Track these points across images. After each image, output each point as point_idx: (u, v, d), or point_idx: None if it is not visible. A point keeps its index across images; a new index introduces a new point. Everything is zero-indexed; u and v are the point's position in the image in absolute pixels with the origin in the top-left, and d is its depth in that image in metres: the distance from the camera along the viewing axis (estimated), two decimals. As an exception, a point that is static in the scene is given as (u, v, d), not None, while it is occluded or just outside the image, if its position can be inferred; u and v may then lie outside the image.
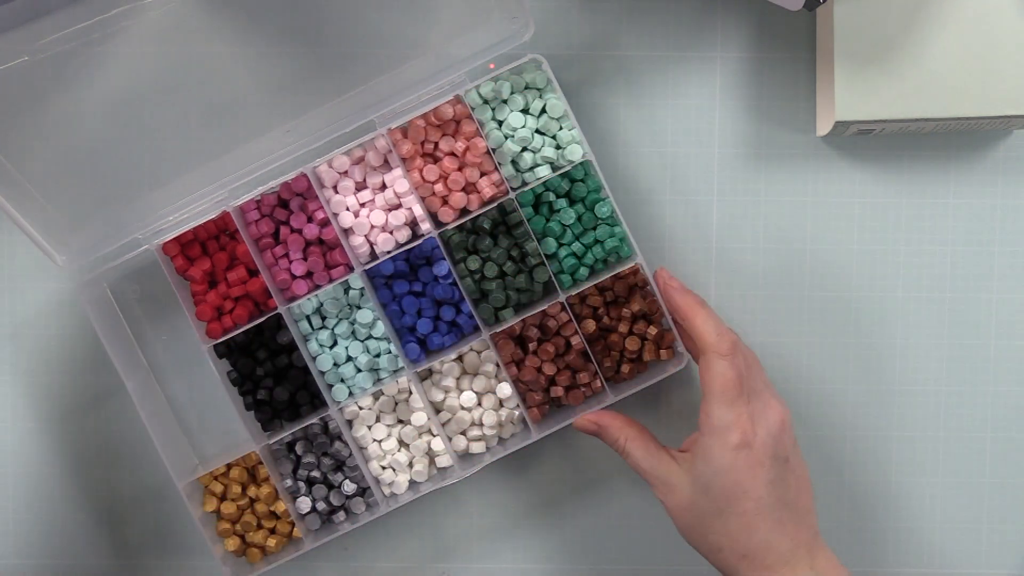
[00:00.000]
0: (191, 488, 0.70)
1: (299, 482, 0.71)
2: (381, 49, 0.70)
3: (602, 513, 0.74)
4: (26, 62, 0.64)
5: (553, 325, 0.70)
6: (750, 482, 0.61)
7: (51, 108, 0.66)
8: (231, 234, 0.70)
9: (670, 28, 0.72)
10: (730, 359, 0.62)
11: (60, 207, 0.67)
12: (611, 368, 0.70)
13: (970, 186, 0.73)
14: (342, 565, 0.74)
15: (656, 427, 0.73)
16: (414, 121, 0.69)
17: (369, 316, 0.70)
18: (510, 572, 0.74)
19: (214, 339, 0.69)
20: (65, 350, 0.73)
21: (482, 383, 0.70)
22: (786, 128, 0.73)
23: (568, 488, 0.74)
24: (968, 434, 0.73)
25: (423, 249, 0.69)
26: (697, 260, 0.73)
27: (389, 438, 0.71)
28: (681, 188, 0.73)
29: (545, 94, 0.69)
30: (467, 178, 0.69)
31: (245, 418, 0.70)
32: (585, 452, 0.73)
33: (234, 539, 0.71)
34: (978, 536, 0.73)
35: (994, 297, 0.73)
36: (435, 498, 0.73)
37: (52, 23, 0.64)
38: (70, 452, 0.73)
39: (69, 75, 0.65)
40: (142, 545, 0.73)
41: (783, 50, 0.72)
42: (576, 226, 0.70)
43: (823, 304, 0.73)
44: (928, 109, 0.67)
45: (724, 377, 0.62)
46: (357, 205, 0.70)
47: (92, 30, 0.65)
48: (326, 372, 0.70)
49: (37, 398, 0.73)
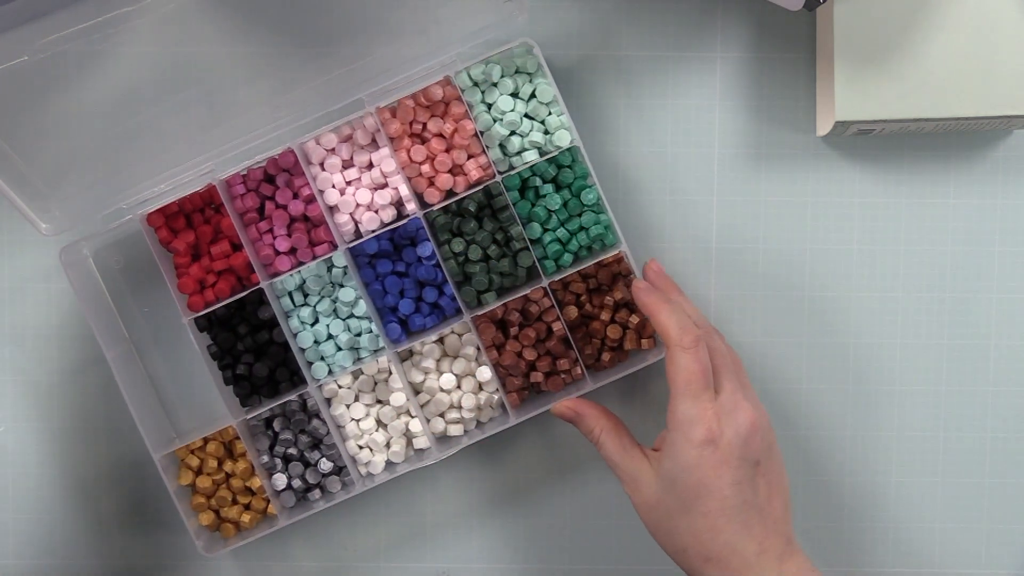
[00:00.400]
0: (167, 461, 0.70)
1: (276, 459, 0.71)
2: (373, 27, 0.69)
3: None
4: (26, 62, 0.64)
5: (535, 310, 0.70)
6: (714, 481, 0.60)
7: (51, 97, 0.66)
8: (216, 207, 0.70)
9: (670, 28, 0.72)
10: (693, 352, 0.61)
11: (44, 174, 0.67)
12: (592, 355, 0.70)
13: (970, 186, 0.73)
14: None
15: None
16: (403, 101, 0.68)
17: (351, 295, 0.70)
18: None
19: (195, 312, 0.69)
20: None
21: (462, 366, 0.70)
22: (786, 128, 0.73)
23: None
24: (968, 434, 0.73)
25: (408, 229, 0.69)
26: (696, 260, 0.73)
27: (367, 418, 0.71)
28: (680, 188, 0.73)
29: (535, 79, 0.69)
30: (454, 160, 0.69)
31: (224, 392, 0.70)
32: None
33: (208, 513, 0.70)
34: (978, 536, 0.73)
35: (994, 297, 0.73)
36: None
37: (52, 23, 0.64)
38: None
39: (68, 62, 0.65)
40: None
41: (783, 50, 0.72)
42: (561, 212, 0.70)
43: (823, 304, 0.73)
44: (928, 109, 0.67)
45: (687, 371, 0.61)
46: (343, 183, 0.69)
47: (92, 30, 0.65)
48: (306, 349, 0.70)
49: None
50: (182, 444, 0.70)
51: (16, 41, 0.63)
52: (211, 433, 0.70)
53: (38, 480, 0.73)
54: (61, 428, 0.73)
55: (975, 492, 0.74)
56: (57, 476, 0.73)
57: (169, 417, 0.73)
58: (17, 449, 0.73)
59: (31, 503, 0.73)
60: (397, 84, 0.68)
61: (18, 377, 0.73)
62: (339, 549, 0.74)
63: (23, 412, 0.73)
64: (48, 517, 0.73)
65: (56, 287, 0.72)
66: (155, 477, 0.71)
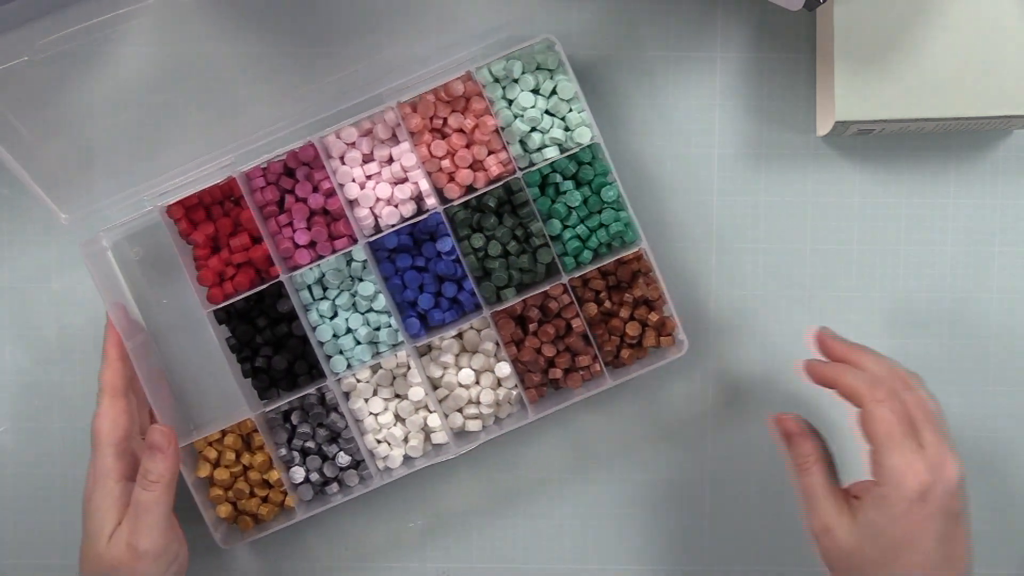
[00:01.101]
0: (185, 453, 0.70)
1: (293, 452, 0.71)
2: (395, 22, 0.69)
3: (596, 496, 0.74)
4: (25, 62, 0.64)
5: (555, 307, 0.70)
6: (920, 535, 0.58)
7: (72, 90, 0.66)
8: (236, 200, 0.70)
9: (670, 28, 0.72)
10: (888, 403, 0.59)
11: (65, 166, 0.67)
12: (611, 352, 0.70)
13: (970, 186, 0.73)
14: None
15: (652, 414, 0.73)
16: (424, 96, 0.68)
17: (371, 289, 0.70)
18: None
19: (215, 304, 0.69)
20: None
21: (481, 361, 0.70)
22: (786, 128, 0.72)
23: (562, 470, 0.74)
24: (968, 433, 0.73)
25: (427, 224, 0.69)
26: (697, 259, 0.73)
27: (385, 412, 0.71)
28: (681, 188, 0.72)
29: (556, 75, 0.69)
30: (474, 155, 0.69)
31: (242, 385, 0.70)
32: (581, 435, 0.73)
33: (226, 506, 0.71)
34: (978, 536, 0.73)
35: (994, 297, 0.73)
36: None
37: (52, 23, 0.64)
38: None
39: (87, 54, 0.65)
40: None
41: (783, 50, 0.72)
42: (582, 209, 0.69)
43: (822, 304, 0.73)
44: (928, 109, 0.67)
45: (886, 421, 0.59)
46: (363, 177, 0.69)
47: (93, 30, 0.65)
48: (325, 343, 0.70)
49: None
50: (200, 436, 0.70)
51: (16, 41, 0.63)
52: (229, 426, 0.70)
53: (54, 469, 0.73)
54: (79, 419, 0.73)
55: (975, 492, 0.73)
56: (75, 464, 0.73)
57: (187, 409, 0.73)
58: (34, 439, 0.73)
59: (45, 494, 0.73)
60: (418, 79, 0.68)
61: (39, 367, 0.73)
62: (355, 543, 0.74)
63: (42, 405, 0.73)
64: (64, 507, 0.73)
65: (76, 279, 0.72)
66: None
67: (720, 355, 0.73)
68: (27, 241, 0.73)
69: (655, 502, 0.73)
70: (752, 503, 0.73)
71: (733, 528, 0.74)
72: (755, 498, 0.73)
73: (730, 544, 0.74)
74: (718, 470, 0.73)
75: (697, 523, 0.74)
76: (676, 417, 0.73)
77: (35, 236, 0.72)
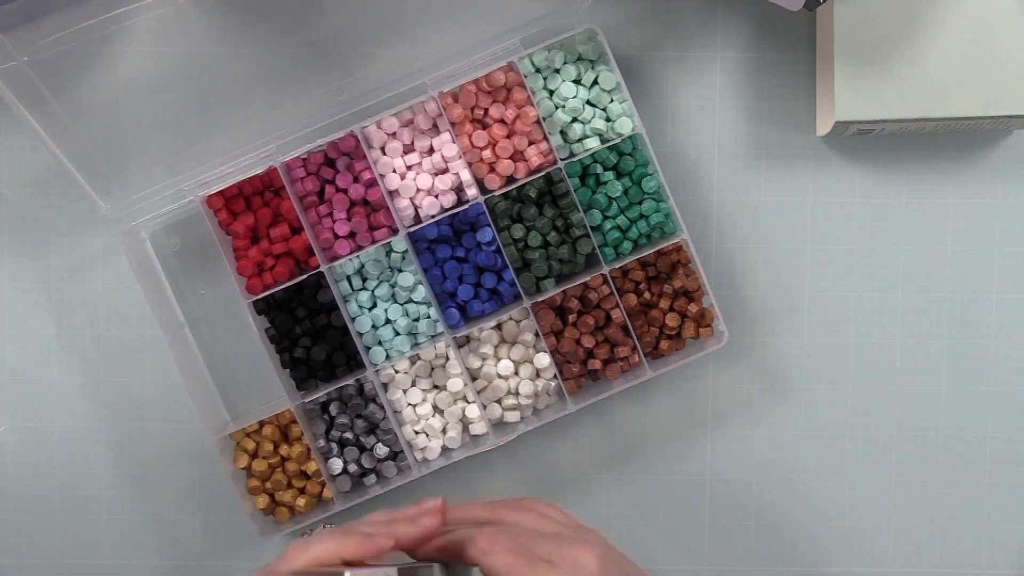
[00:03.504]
0: (223, 444, 0.70)
1: (331, 443, 0.71)
2: (437, 12, 0.69)
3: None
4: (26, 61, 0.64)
5: (594, 297, 0.69)
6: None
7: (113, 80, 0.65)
8: (276, 190, 0.70)
9: (670, 28, 0.72)
10: (491, 549, 0.50)
11: (106, 155, 0.67)
12: (650, 343, 0.70)
13: (970, 186, 0.73)
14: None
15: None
16: (465, 86, 0.68)
17: (410, 280, 0.70)
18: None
19: (254, 295, 0.69)
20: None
21: (520, 352, 0.70)
22: (786, 128, 0.73)
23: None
24: (968, 434, 0.73)
25: (468, 215, 0.69)
26: (696, 259, 0.72)
27: (424, 403, 0.71)
28: (681, 188, 0.72)
29: (598, 66, 0.69)
30: (515, 146, 0.69)
31: (281, 376, 0.70)
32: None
33: (264, 497, 0.70)
34: (978, 536, 0.74)
35: (994, 297, 0.73)
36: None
37: (52, 23, 0.64)
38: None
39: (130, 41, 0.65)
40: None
41: (783, 50, 0.72)
42: (622, 199, 0.69)
43: (822, 304, 0.73)
44: (928, 109, 0.67)
45: (503, 564, 0.50)
46: (404, 167, 0.69)
47: (94, 29, 0.65)
48: (364, 334, 0.70)
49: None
50: (238, 427, 0.70)
51: (16, 41, 0.63)
52: (267, 417, 0.70)
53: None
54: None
55: (975, 492, 0.74)
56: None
57: (225, 400, 0.73)
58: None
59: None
60: (460, 69, 0.68)
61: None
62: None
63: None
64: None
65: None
66: (209, 458, 0.71)
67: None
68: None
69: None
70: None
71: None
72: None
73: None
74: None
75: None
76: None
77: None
